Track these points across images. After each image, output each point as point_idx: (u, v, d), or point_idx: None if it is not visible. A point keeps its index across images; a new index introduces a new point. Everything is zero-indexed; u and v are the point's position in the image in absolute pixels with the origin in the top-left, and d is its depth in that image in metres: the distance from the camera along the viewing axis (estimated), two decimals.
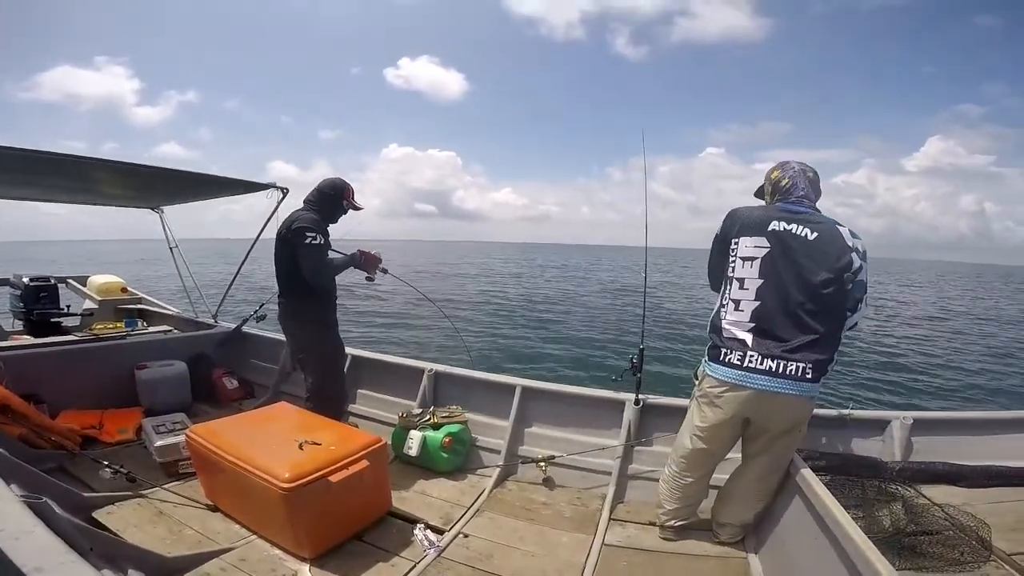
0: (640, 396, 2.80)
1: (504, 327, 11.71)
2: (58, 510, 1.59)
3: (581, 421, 2.96)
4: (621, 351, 8.58)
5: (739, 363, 1.93)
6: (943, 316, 17.05)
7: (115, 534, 1.98)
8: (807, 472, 1.99)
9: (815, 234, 1.90)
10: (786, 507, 2.08)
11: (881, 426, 2.64)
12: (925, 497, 2.21)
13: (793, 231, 1.92)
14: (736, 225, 2.04)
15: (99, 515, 2.16)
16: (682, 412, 2.66)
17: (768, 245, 1.94)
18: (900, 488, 2.24)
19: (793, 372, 1.86)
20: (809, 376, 1.86)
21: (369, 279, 3.08)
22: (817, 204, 2.07)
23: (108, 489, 2.38)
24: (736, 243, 2.02)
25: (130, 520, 2.18)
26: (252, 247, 4.18)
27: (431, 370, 3.35)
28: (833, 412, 2.59)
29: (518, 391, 3.06)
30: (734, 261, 2.01)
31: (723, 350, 1.98)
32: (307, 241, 2.64)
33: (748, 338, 1.92)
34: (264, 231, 3.81)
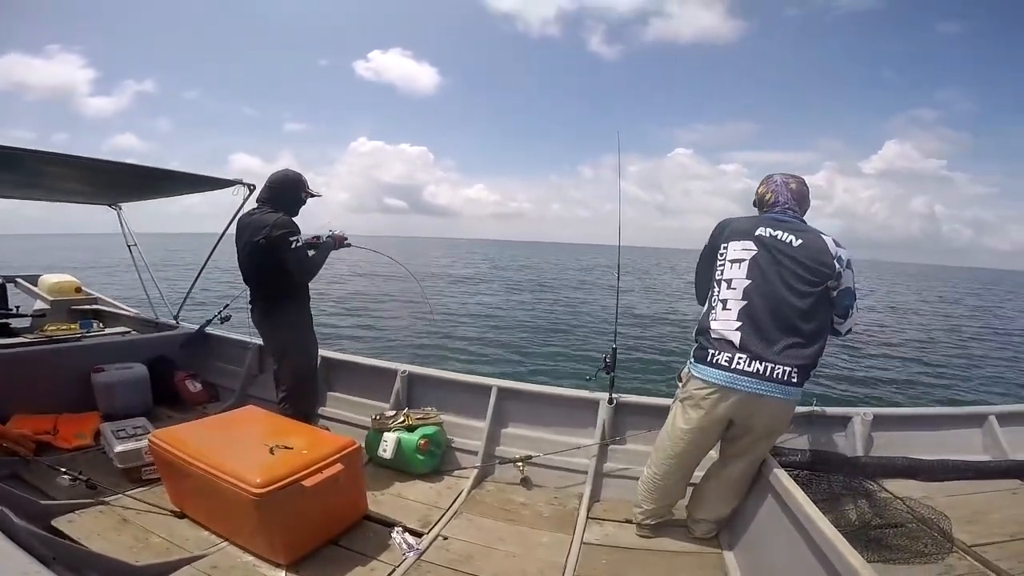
0: (613, 395, 2.84)
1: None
2: (15, 519, 1.51)
3: (557, 421, 2.98)
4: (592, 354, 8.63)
5: (727, 365, 1.96)
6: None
7: (78, 543, 1.89)
8: (778, 469, 2.05)
9: (799, 241, 2.00)
10: (759, 503, 2.13)
11: (843, 422, 2.75)
12: (887, 491, 2.31)
13: (779, 236, 2.02)
14: (725, 232, 2.14)
15: (59, 523, 2.06)
16: (655, 410, 2.69)
17: (755, 248, 2.03)
18: (864, 483, 2.33)
19: (779, 376, 1.90)
20: (794, 380, 1.91)
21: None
22: (806, 213, 2.19)
23: (67, 497, 2.26)
24: (725, 247, 2.10)
25: (92, 528, 2.08)
26: (216, 246, 4.05)
27: (404, 371, 3.30)
28: (801, 408, 2.68)
29: (494, 392, 3.05)
30: (722, 265, 2.09)
31: (710, 351, 2.00)
32: (292, 245, 2.60)
33: (736, 337, 1.96)
34: (227, 229, 3.66)
